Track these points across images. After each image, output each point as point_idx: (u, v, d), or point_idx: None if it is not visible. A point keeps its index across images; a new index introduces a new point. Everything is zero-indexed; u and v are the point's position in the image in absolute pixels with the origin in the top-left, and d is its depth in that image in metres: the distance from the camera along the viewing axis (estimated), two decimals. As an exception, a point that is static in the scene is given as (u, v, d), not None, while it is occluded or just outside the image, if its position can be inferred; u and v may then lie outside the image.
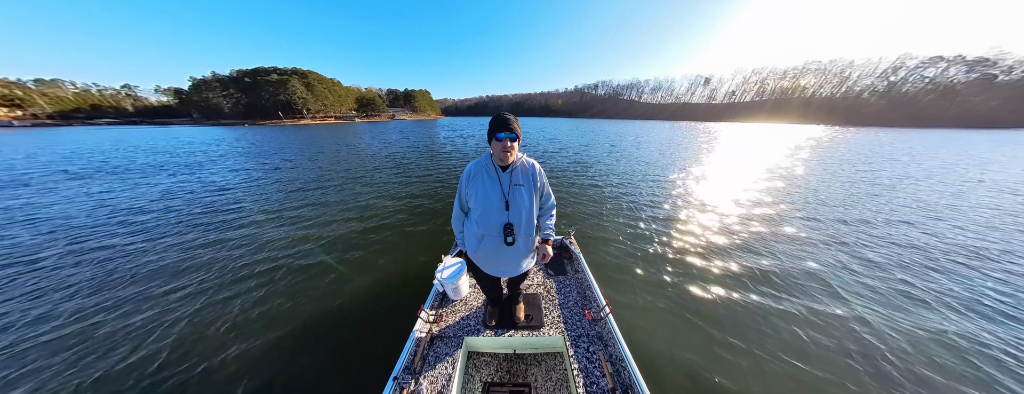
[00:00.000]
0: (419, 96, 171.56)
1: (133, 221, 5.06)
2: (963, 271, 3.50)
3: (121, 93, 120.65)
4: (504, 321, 1.95)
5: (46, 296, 2.97)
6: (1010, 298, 3.00)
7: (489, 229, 1.53)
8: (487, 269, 1.67)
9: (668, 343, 2.39)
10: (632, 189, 7.20)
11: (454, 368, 1.67)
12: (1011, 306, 2.88)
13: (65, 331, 2.51)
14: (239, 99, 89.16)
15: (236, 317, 2.68)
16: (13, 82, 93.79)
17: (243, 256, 3.79)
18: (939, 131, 47.59)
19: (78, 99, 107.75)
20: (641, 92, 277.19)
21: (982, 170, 10.45)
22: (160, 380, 2.08)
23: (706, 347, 2.35)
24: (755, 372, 2.14)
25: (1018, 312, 2.81)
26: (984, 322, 2.67)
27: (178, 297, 2.97)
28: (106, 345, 2.37)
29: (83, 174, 9.06)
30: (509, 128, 1.40)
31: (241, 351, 2.30)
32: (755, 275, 3.33)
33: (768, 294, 3.00)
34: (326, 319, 2.65)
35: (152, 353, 2.29)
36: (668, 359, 2.24)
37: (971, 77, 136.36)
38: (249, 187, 7.44)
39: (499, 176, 1.51)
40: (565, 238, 2.89)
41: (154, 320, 2.65)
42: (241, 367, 2.17)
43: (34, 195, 6.70)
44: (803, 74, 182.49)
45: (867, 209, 5.77)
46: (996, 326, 2.62)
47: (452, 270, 2.17)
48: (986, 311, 2.81)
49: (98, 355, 2.27)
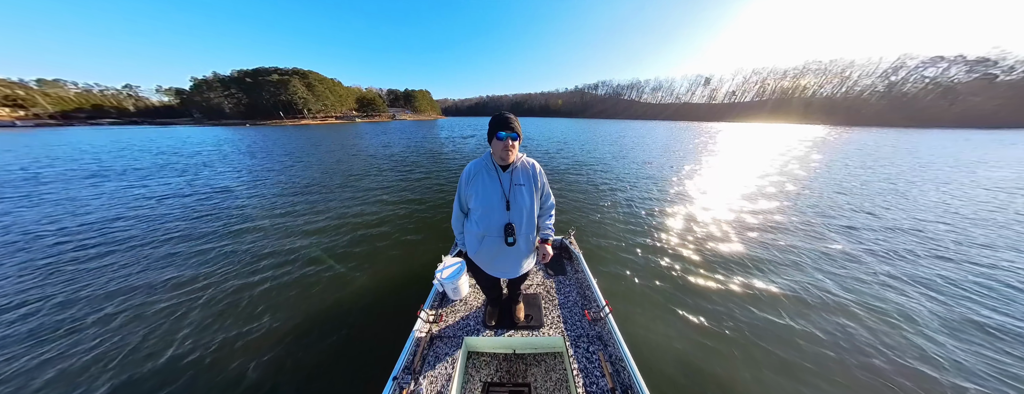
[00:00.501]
0: (419, 96, 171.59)
1: (127, 222, 5.06)
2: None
3: (122, 93, 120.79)
4: (504, 321, 1.95)
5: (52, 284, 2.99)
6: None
7: (490, 229, 1.53)
8: (488, 270, 1.66)
9: (668, 343, 2.39)
10: (632, 189, 7.20)
11: (454, 368, 1.67)
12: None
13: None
14: (240, 99, 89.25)
15: (236, 316, 2.68)
16: (15, 82, 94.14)
17: (244, 256, 3.79)
18: (941, 131, 47.51)
19: (80, 99, 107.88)
20: (641, 92, 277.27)
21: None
22: (159, 378, 2.08)
23: (706, 348, 2.35)
24: (755, 372, 2.14)
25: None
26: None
27: (178, 296, 2.97)
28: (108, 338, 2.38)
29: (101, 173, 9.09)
30: (510, 127, 1.39)
31: (240, 351, 2.31)
32: (755, 276, 3.33)
33: (768, 294, 2.99)
34: (326, 319, 2.65)
35: (150, 353, 2.29)
36: (668, 359, 2.24)
37: (972, 77, 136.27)
38: (250, 187, 7.45)
39: (499, 176, 1.50)
40: (565, 238, 2.88)
41: (154, 319, 2.65)
42: (241, 367, 2.17)
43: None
44: (803, 74, 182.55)
45: (878, 208, 5.77)
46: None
47: (452, 270, 2.17)
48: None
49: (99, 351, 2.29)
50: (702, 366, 2.18)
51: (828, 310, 2.78)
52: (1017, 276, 3.40)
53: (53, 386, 2.03)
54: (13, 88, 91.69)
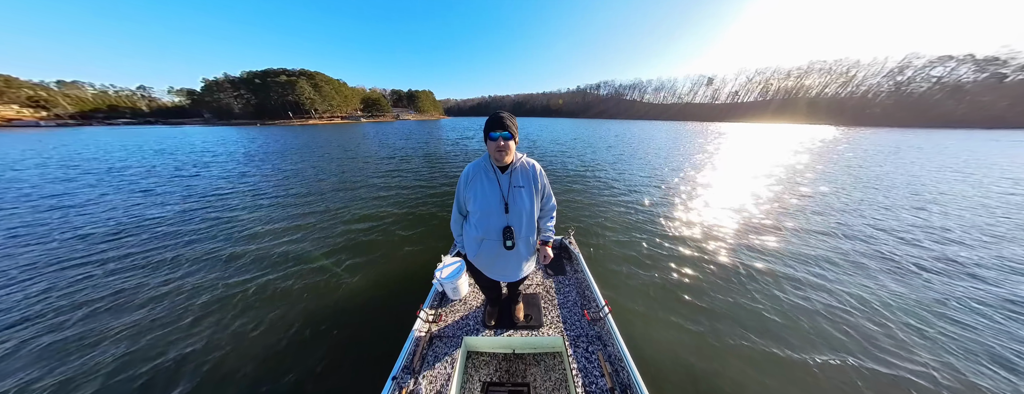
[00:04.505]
0: (422, 96, 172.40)
1: (124, 223, 5.13)
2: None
3: (136, 94, 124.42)
4: (503, 321, 1.95)
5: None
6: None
7: (488, 233, 1.50)
8: (487, 273, 1.64)
9: (667, 343, 2.37)
10: (633, 189, 7.16)
11: (453, 368, 1.67)
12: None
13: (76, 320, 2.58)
14: (249, 100, 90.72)
15: (237, 315, 2.71)
16: (37, 84, 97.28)
17: (245, 256, 3.83)
18: (956, 131, 46.26)
19: (97, 100, 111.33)
20: (643, 92, 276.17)
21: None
22: (158, 379, 2.10)
23: (706, 348, 2.33)
24: (756, 373, 2.12)
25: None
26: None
27: (178, 295, 3.01)
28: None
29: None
30: (503, 126, 1.35)
31: (240, 350, 2.32)
32: (756, 276, 3.29)
33: (769, 295, 2.96)
34: (325, 318, 2.67)
35: (145, 354, 2.30)
36: (667, 359, 2.22)
37: (981, 76, 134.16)
38: (251, 188, 7.54)
39: (498, 178, 1.47)
40: (565, 238, 2.88)
41: (155, 319, 2.69)
42: (241, 366, 2.18)
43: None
44: (807, 74, 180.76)
45: (877, 206, 5.67)
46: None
47: (451, 269, 2.17)
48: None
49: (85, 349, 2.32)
50: (702, 366, 2.16)
51: (829, 310, 2.74)
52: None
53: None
54: (37, 90, 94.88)
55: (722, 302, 2.86)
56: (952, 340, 2.45)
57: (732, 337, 2.43)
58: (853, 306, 2.84)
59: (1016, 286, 3.19)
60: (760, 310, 2.75)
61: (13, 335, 2.47)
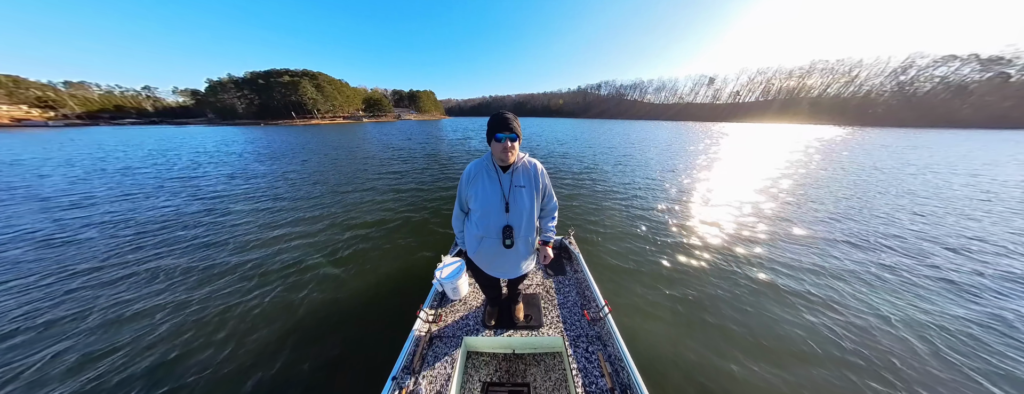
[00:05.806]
0: (424, 97, 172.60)
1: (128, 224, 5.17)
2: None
3: (141, 94, 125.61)
4: (503, 321, 1.95)
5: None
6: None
7: (488, 231, 1.51)
8: (487, 270, 1.66)
9: (667, 343, 2.36)
10: (633, 189, 7.15)
11: (453, 368, 1.67)
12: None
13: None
14: (252, 100, 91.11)
15: (237, 315, 2.72)
16: (45, 84, 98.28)
17: (245, 256, 3.85)
18: (964, 131, 45.81)
19: (103, 100, 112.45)
20: (644, 92, 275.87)
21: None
22: (159, 379, 2.11)
23: (706, 348, 2.32)
24: (755, 373, 2.11)
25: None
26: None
27: (179, 294, 3.03)
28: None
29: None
30: (509, 127, 1.35)
31: (241, 350, 2.33)
32: (756, 276, 3.27)
33: (769, 295, 2.94)
34: (325, 318, 2.67)
35: (149, 354, 2.32)
36: (667, 359, 2.21)
37: (985, 76, 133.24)
38: (253, 188, 7.58)
39: (499, 177, 1.47)
40: (565, 238, 2.88)
41: (153, 320, 2.70)
42: (241, 366, 2.19)
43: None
44: (809, 74, 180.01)
45: (882, 207, 5.64)
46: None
47: (451, 269, 2.18)
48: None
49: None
50: (702, 366, 2.15)
51: (833, 313, 2.72)
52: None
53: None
54: (45, 90, 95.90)
55: (723, 303, 2.85)
56: (974, 358, 2.34)
57: (733, 337, 2.42)
58: (859, 312, 2.82)
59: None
60: (761, 311, 2.74)
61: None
